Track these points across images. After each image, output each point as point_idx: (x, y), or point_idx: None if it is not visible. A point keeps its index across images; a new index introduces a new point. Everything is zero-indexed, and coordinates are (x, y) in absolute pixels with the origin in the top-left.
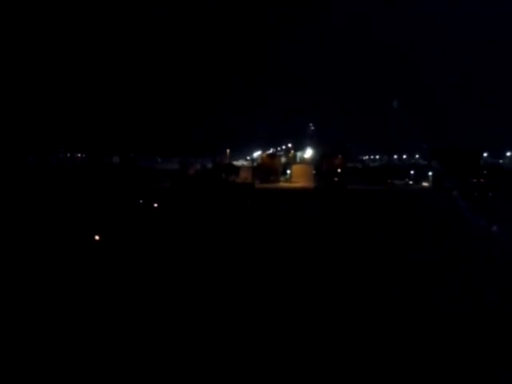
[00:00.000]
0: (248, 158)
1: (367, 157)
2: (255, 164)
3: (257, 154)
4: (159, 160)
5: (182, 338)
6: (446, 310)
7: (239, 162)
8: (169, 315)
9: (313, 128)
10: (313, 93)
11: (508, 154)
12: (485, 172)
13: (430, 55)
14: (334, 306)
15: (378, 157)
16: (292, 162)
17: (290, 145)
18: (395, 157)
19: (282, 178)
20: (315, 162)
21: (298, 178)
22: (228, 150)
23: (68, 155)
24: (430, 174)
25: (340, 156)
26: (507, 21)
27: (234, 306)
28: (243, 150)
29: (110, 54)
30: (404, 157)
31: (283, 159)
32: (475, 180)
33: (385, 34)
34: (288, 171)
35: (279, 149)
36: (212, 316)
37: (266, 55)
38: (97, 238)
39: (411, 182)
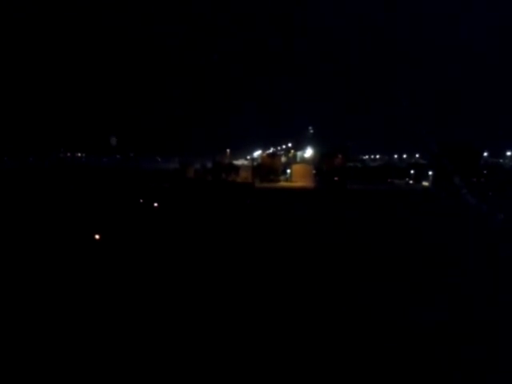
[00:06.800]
0: (248, 157)
1: (367, 156)
2: (255, 163)
3: (257, 153)
4: (159, 159)
5: (182, 337)
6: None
7: (239, 162)
8: (169, 313)
9: (312, 131)
10: (313, 92)
11: (508, 153)
12: (485, 171)
13: (430, 54)
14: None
15: (378, 156)
16: (292, 161)
17: (290, 144)
18: (395, 156)
19: (282, 178)
20: (315, 162)
21: (298, 177)
22: (228, 150)
23: (68, 154)
24: (430, 173)
25: (340, 155)
26: (508, 22)
27: (233, 303)
28: (243, 149)
29: (110, 53)
30: (404, 156)
31: (283, 159)
32: (475, 179)
33: (385, 32)
34: (288, 171)
35: (279, 148)
36: (212, 313)
37: (265, 53)
38: (97, 236)
39: (411, 182)
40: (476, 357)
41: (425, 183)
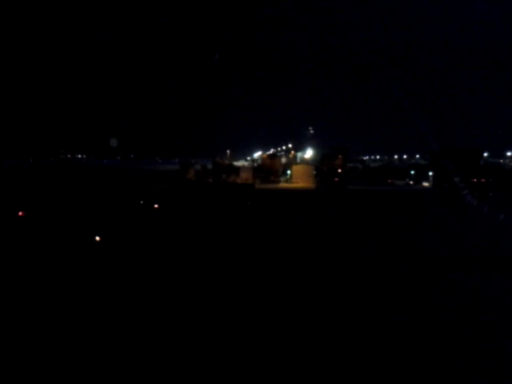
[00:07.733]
0: (248, 158)
1: (367, 157)
2: (256, 164)
3: (257, 154)
4: (159, 161)
5: (182, 334)
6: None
7: (240, 163)
8: (169, 312)
9: (312, 132)
10: (313, 94)
11: (508, 153)
12: (485, 172)
13: (431, 56)
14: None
15: (378, 157)
16: (292, 162)
17: (290, 145)
18: (395, 157)
19: (282, 179)
20: (315, 163)
21: (298, 178)
22: (228, 151)
23: (69, 156)
24: (431, 174)
25: (340, 156)
26: (508, 22)
27: (232, 301)
28: (244, 150)
29: (110, 54)
30: (404, 157)
31: (283, 160)
32: (476, 180)
33: (385, 34)
34: (288, 171)
35: (279, 149)
36: (212, 313)
37: (266, 55)
38: (98, 238)
39: (411, 182)
40: None
41: (425, 184)
